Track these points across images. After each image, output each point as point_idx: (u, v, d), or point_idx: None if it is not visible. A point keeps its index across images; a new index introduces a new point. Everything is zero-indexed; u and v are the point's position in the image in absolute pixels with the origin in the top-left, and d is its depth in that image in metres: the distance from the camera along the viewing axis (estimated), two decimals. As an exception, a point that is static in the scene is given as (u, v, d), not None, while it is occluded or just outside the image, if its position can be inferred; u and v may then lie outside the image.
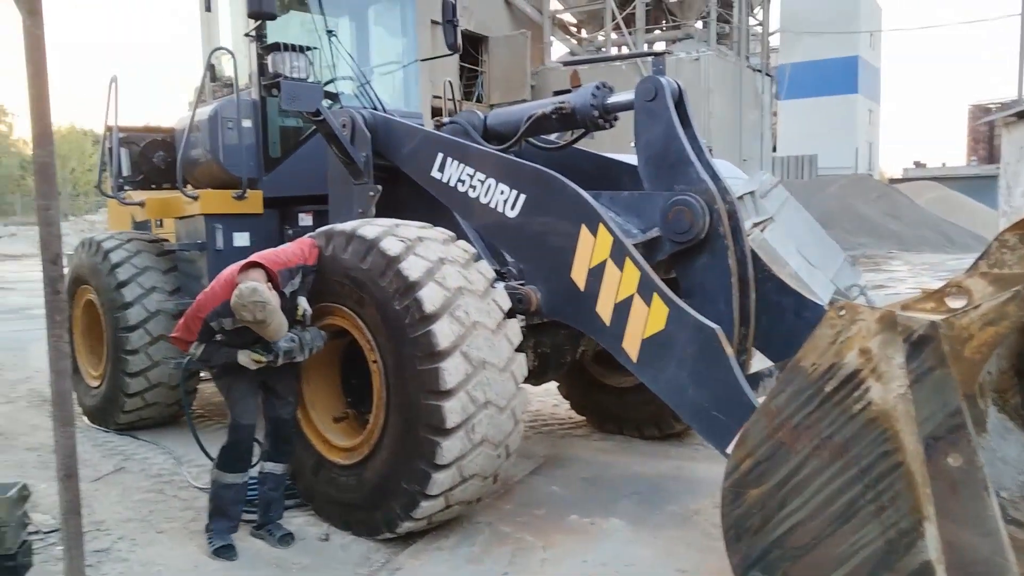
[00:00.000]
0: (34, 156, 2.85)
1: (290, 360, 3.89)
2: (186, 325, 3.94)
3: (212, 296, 3.84)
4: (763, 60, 32.61)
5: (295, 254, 4.00)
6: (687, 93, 4.55)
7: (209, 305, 3.82)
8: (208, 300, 3.85)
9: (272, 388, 4.09)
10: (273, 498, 4.17)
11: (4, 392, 7.97)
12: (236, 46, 5.99)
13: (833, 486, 2.49)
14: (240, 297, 3.59)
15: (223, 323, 3.79)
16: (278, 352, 3.81)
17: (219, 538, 3.95)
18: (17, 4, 2.83)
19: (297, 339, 3.89)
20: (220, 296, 3.78)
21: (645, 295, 3.80)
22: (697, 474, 5.04)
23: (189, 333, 3.92)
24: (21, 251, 31.33)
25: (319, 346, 4.02)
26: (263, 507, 4.16)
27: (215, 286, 3.87)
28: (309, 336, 3.96)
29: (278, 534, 4.07)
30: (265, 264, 3.82)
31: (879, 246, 25.44)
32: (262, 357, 3.81)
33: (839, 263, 10.43)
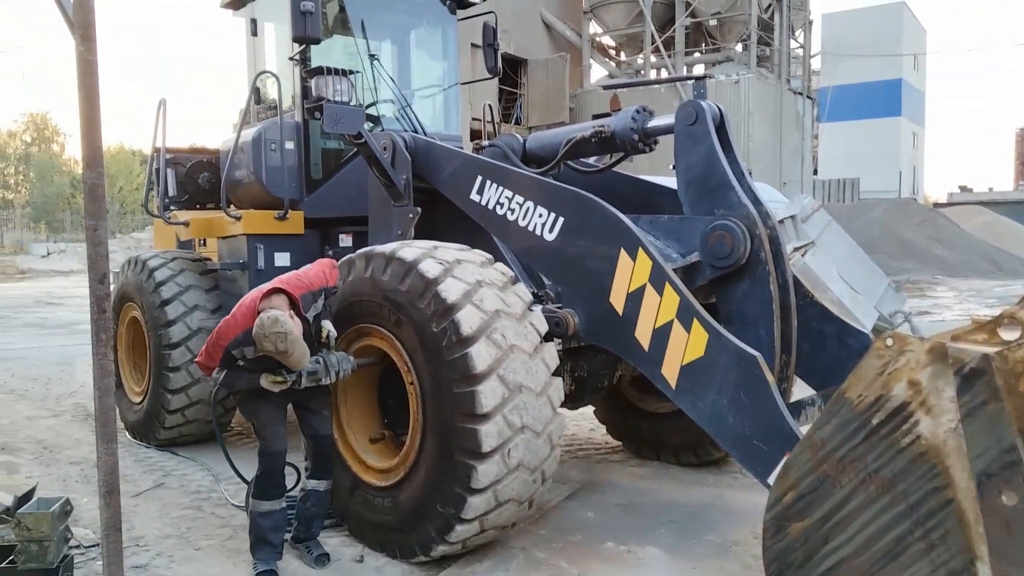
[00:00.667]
0: (84, 177, 2.93)
1: (315, 383, 3.89)
2: (208, 352, 3.90)
3: (234, 324, 3.79)
4: (804, 83, 32.36)
5: (317, 276, 4.00)
6: (728, 116, 4.52)
7: (231, 333, 3.77)
8: (230, 328, 3.79)
9: (304, 406, 4.08)
10: (315, 515, 4.17)
11: (50, 406, 8.15)
12: (281, 70, 6.10)
13: (880, 522, 2.42)
14: (262, 327, 3.57)
15: (244, 352, 3.75)
16: (301, 373, 3.81)
17: (263, 564, 3.91)
18: (71, 29, 2.92)
19: (322, 361, 3.89)
20: (242, 324, 3.75)
21: (685, 321, 3.75)
22: (736, 504, 4.94)
23: (211, 360, 3.87)
24: (70, 267, 32.21)
25: (346, 370, 3.99)
26: (304, 524, 4.16)
27: (236, 313, 3.82)
28: (335, 359, 3.94)
29: (315, 552, 4.06)
30: (287, 290, 3.82)
31: (923, 271, 24.89)
32: (284, 379, 3.80)
33: (883, 289, 10.21)
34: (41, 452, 6.36)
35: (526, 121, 27.68)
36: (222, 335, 3.81)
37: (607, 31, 32.43)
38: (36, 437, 6.85)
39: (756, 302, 4.14)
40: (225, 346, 3.78)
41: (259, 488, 3.97)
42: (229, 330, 3.79)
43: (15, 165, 51.87)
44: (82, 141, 2.82)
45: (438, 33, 6.92)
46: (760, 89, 27.12)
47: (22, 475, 5.69)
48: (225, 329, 3.81)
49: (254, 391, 3.88)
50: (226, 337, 3.79)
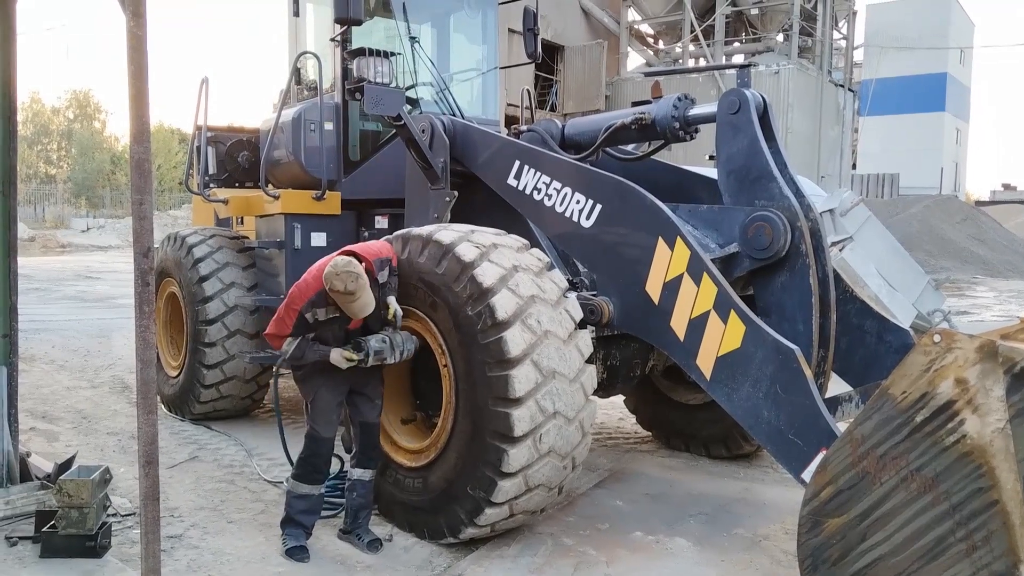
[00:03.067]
0: (131, 152, 2.96)
1: (380, 361, 3.90)
2: (280, 319, 3.87)
3: (306, 287, 3.81)
4: (846, 75, 31.78)
5: (384, 247, 4.05)
6: (772, 106, 4.45)
7: (304, 296, 3.79)
8: (302, 291, 3.81)
9: (360, 392, 4.05)
10: (362, 505, 4.11)
11: (89, 377, 8.33)
12: (321, 51, 6.12)
13: (920, 521, 2.38)
14: (335, 266, 3.64)
15: (317, 313, 3.79)
16: (369, 351, 3.83)
17: (292, 539, 3.92)
18: (122, 6, 2.95)
19: (388, 340, 3.91)
20: (313, 286, 3.78)
21: (722, 312, 3.71)
22: (766, 498, 4.90)
23: (284, 327, 3.84)
24: (108, 242, 32.78)
25: (410, 349, 4.00)
26: (352, 514, 4.11)
27: (308, 277, 3.85)
28: (400, 339, 3.96)
29: (367, 539, 4.04)
30: (359, 253, 3.87)
31: (963, 270, 24.37)
32: (354, 355, 3.83)
33: (922, 287, 10.00)
34: (80, 422, 6.51)
35: (561, 108, 27.53)
36: (294, 299, 3.82)
37: (645, 19, 32.10)
38: (75, 407, 7.00)
39: (795, 295, 4.08)
40: (299, 309, 3.78)
41: (302, 471, 3.98)
42: (301, 293, 3.81)
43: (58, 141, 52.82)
44: (130, 116, 2.85)
45: (478, 17, 6.89)
46: (800, 80, 26.68)
47: (61, 443, 5.83)
48: (297, 293, 3.83)
49: (319, 369, 3.90)
50: (299, 300, 3.80)
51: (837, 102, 29.92)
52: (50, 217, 39.44)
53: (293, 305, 3.82)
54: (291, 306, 3.83)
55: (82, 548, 3.66)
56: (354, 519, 4.12)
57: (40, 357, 9.36)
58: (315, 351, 3.87)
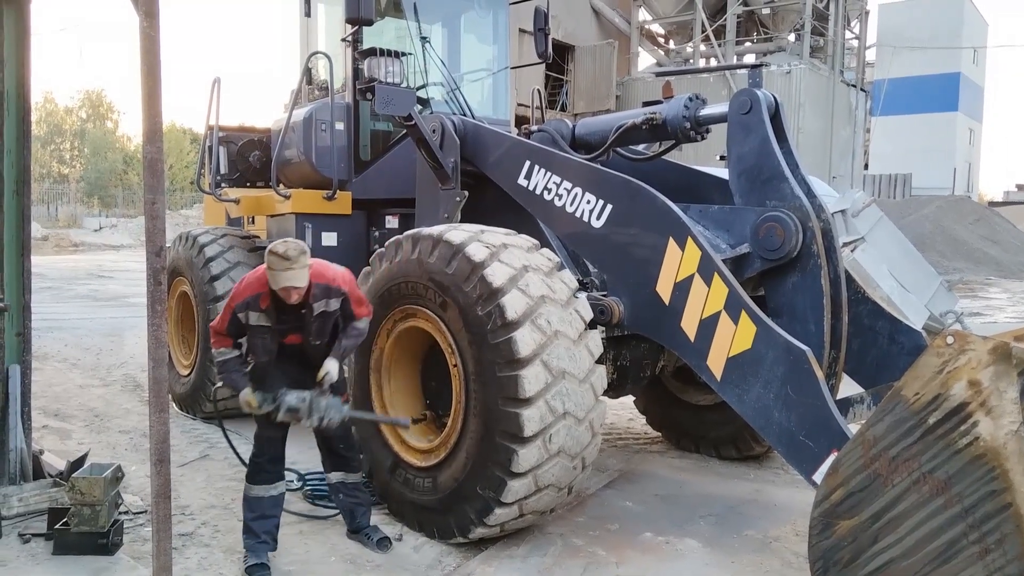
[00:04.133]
0: (143, 152, 2.97)
1: (293, 420, 3.67)
2: (220, 314, 3.75)
3: (246, 286, 3.68)
4: (858, 75, 31.61)
5: (343, 277, 3.80)
6: (783, 106, 4.43)
7: (241, 295, 3.65)
8: (241, 290, 3.67)
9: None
10: (353, 504, 4.08)
11: (101, 376, 8.38)
12: (333, 51, 6.14)
13: (932, 524, 2.36)
14: (284, 241, 3.53)
15: (249, 316, 3.63)
16: (280, 406, 3.62)
17: (252, 555, 3.73)
18: (135, 6, 2.97)
19: (308, 401, 3.64)
20: (254, 286, 3.64)
21: (732, 312, 3.70)
22: (777, 499, 4.88)
23: (221, 322, 3.70)
24: (120, 242, 32.98)
25: (333, 419, 3.70)
26: (347, 515, 4.11)
27: (250, 276, 3.72)
28: (324, 403, 3.65)
29: (375, 537, 4.02)
30: (315, 264, 3.70)
31: (976, 272, 24.20)
32: (255, 403, 3.64)
33: (934, 288, 9.94)
34: (92, 420, 6.55)
35: (572, 108, 27.49)
36: (234, 296, 3.69)
37: (656, 18, 32.00)
38: (87, 405, 7.05)
39: (806, 296, 4.07)
40: (234, 307, 3.66)
41: (249, 470, 3.88)
42: (240, 292, 3.67)
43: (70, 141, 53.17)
44: (143, 116, 2.86)
45: (489, 17, 6.90)
46: (812, 80, 26.55)
47: (74, 441, 5.86)
48: (237, 291, 3.70)
49: (260, 368, 3.77)
50: (237, 297, 3.67)
51: (849, 102, 29.76)
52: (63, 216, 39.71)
53: (231, 302, 3.69)
54: (229, 303, 3.70)
55: (94, 545, 3.69)
56: (352, 518, 4.09)
57: (53, 355, 9.42)
58: (234, 376, 3.70)
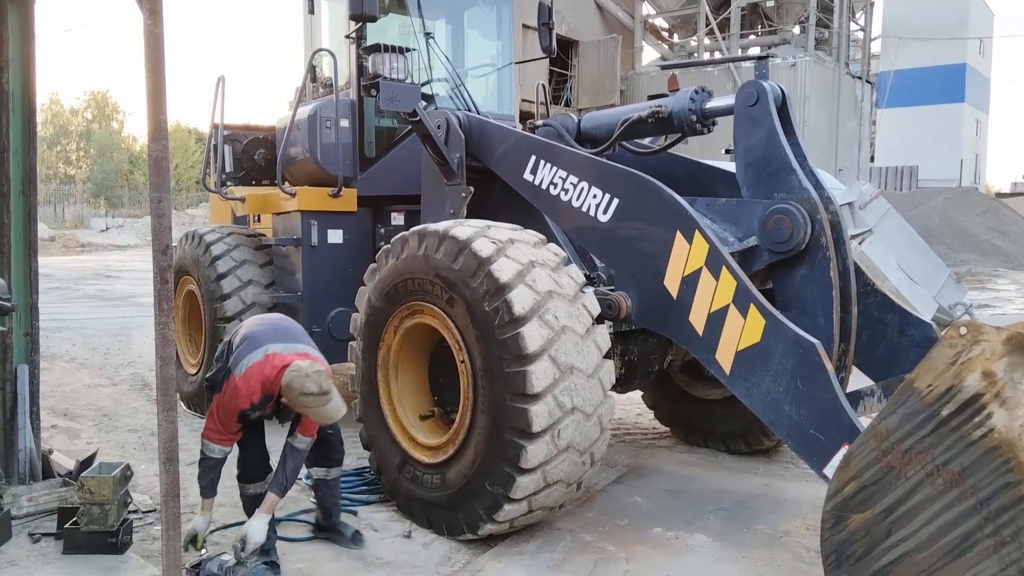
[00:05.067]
0: (149, 150, 2.97)
1: None
2: (224, 423, 3.68)
3: (247, 391, 3.57)
4: (863, 67, 31.46)
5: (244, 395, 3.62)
6: (790, 98, 4.40)
7: (247, 399, 3.57)
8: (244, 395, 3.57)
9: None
10: (331, 503, 4.08)
11: (109, 375, 8.40)
12: (337, 48, 6.13)
13: (947, 516, 2.34)
14: (299, 369, 3.49)
15: (254, 415, 3.67)
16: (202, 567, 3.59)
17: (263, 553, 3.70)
18: (139, 4, 2.96)
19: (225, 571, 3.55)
20: (257, 391, 3.57)
21: (741, 306, 3.68)
22: (787, 493, 4.86)
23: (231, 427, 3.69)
24: (127, 242, 33.05)
25: None
26: (324, 512, 4.09)
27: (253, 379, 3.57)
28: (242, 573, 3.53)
29: (348, 532, 4.02)
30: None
31: (984, 263, 24.08)
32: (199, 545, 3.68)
33: (943, 280, 9.90)
34: (101, 419, 6.56)
35: (576, 103, 27.44)
36: (236, 400, 3.58)
37: (660, 12, 31.93)
38: (96, 405, 7.06)
39: (815, 289, 4.03)
40: (243, 408, 3.60)
41: (239, 471, 3.95)
42: (244, 397, 3.57)
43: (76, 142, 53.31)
44: (148, 114, 2.85)
45: (493, 12, 6.88)
46: (817, 73, 26.44)
47: (83, 440, 5.87)
48: (240, 395, 3.57)
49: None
50: (244, 401, 3.58)
51: (855, 94, 29.63)
52: (70, 217, 39.82)
53: (238, 403, 3.58)
54: (234, 404, 3.60)
55: (104, 544, 3.69)
56: (328, 516, 4.07)
57: (61, 355, 9.44)
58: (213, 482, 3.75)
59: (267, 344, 3.68)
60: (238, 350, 3.71)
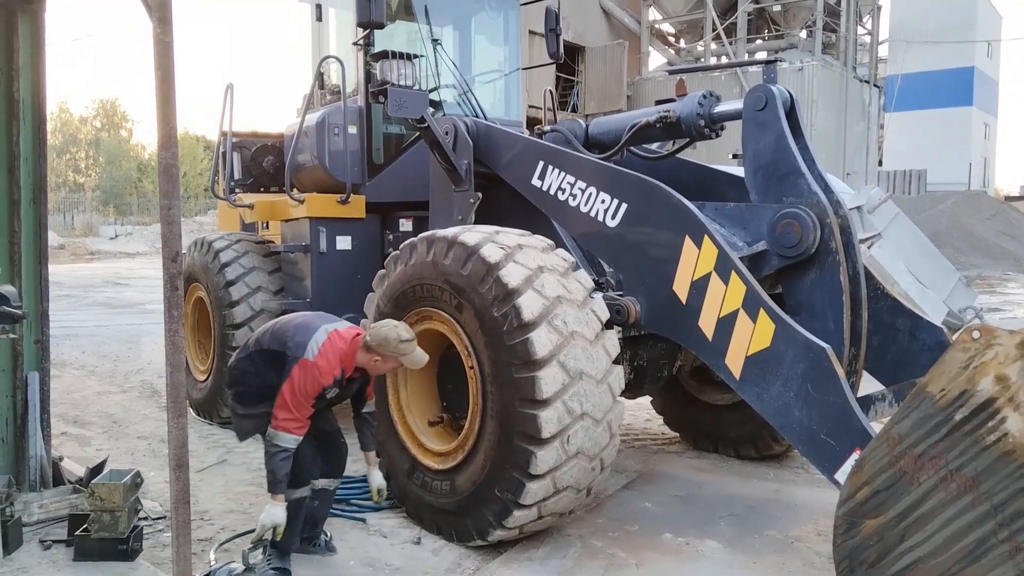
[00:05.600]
0: (159, 158, 2.98)
1: None
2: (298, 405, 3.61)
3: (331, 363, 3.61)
4: (871, 70, 31.40)
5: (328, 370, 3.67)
6: (799, 102, 4.40)
7: (331, 372, 3.62)
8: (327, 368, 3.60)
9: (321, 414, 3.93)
10: (322, 514, 4.03)
11: (119, 382, 8.43)
12: (344, 55, 6.15)
13: (961, 522, 2.32)
14: (385, 324, 3.68)
15: (328, 391, 3.68)
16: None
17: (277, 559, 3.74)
18: (148, 12, 2.98)
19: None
20: (339, 362, 3.64)
21: (751, 310, 3.67)
22: (797, 499, 4.83)
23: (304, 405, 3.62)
24: (136, 249, 33.22)
25: None
26: (311, 524, 3.99)
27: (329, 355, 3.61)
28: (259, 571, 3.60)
29: (323, 540, 3.99)
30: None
31: (994, 267, 23.97)
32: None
33: (953, 283, 9.87)
34: (111, 426, 6.58)
35: (583, 109, 27.46)
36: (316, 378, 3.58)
37: (667, 18, 31.93)
38: (106, 412, 7.08)
39: (825, 293, 4.02)
40: (325, 385, 3.63)
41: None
42: (324, 374, 3.60)
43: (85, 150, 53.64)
44: (158, 122, 2.87)
45: (500, 18, 6.89)
46: (825, 77, 26.40)
47: (93, 447, 5.89)
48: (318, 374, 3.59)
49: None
50: (327, 376, 3.61)
51: (862, 98, 29.57)
52: (79, 225, 40.06)
53: (320, 380, 3.60)
54: (314, 383, 3.60)
55: (114, 551, 3.70)
56: (313, 527, 4.00)
57: (71, 362, 9.49)
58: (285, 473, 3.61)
59: (322, 325, 3.75)
60: (294, 339, 3.67)
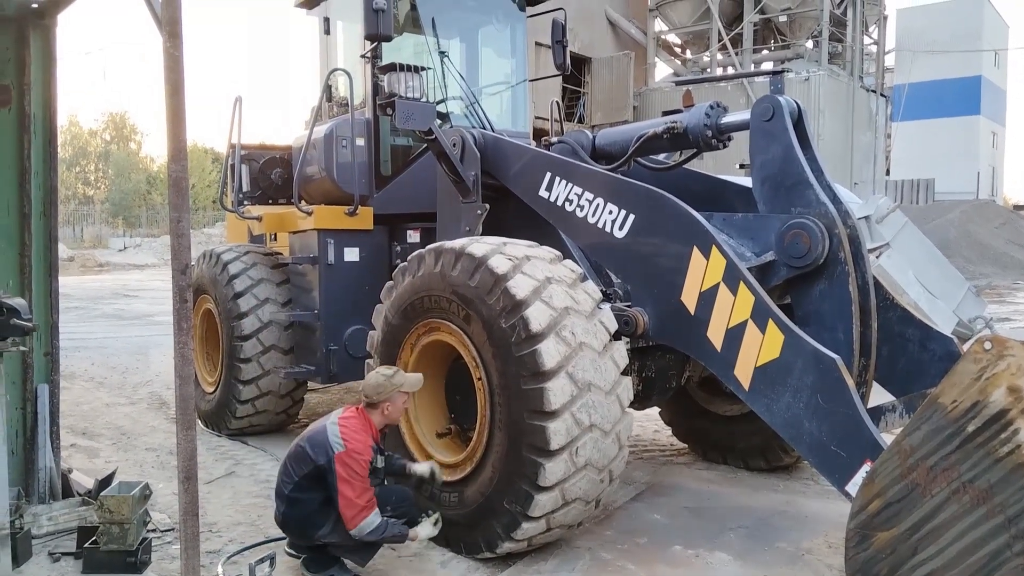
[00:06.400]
0: (168, 170, 3.00)
1: None
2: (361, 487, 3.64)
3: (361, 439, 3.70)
4: (878, 80, 31.38)
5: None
6: (806, 113, 4.39)
7: (367, 446, 3.70)
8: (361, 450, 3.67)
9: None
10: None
11: (127, 394, 8.45)
12: (352, 67, 6.18)
13: (974, 534, 2.30)
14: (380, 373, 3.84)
15: (377, 460, 3.77)
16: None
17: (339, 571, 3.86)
18: (159, 27, 3.00)
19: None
20: (366, 439, 3.73)
21: (759, 321, 3.66)
22: (807, 511, 4.80)
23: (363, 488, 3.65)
24: (144, 261, 33.39)
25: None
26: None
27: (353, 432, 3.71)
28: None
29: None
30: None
31: (1003, 276, 23.85)
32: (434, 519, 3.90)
33: (962, 293, 9.80)
34: (119, 438, 6.59)
35: (589, 120, 27.52)
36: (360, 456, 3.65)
37: (673, 29, 32.01)
38: (114, 423, 7.10)
39: (834, 303, 4.01)
40: (370, 460, 3.69)
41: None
42: (363, 449, 3.67)
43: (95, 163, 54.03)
44: (168, 135, 2.88)
45: (507, 30, 6.92)
46: (831, 87, 26.39)
47: (102, 459, 5.90)
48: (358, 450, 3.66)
49: None
50: (365, 453, 3.68)
51: (869, 108, 29.54)
52: (88, 237, 40.31)
53: (364, 457, 3.67)
54: (361, 472, 3.65)
55: (123, 564, 3.70)
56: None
57: (80, 374, 9.52)
58: (396, 532, 3.72)
59: (326, 423, 3.81)
60: (315, 450, 3.71)
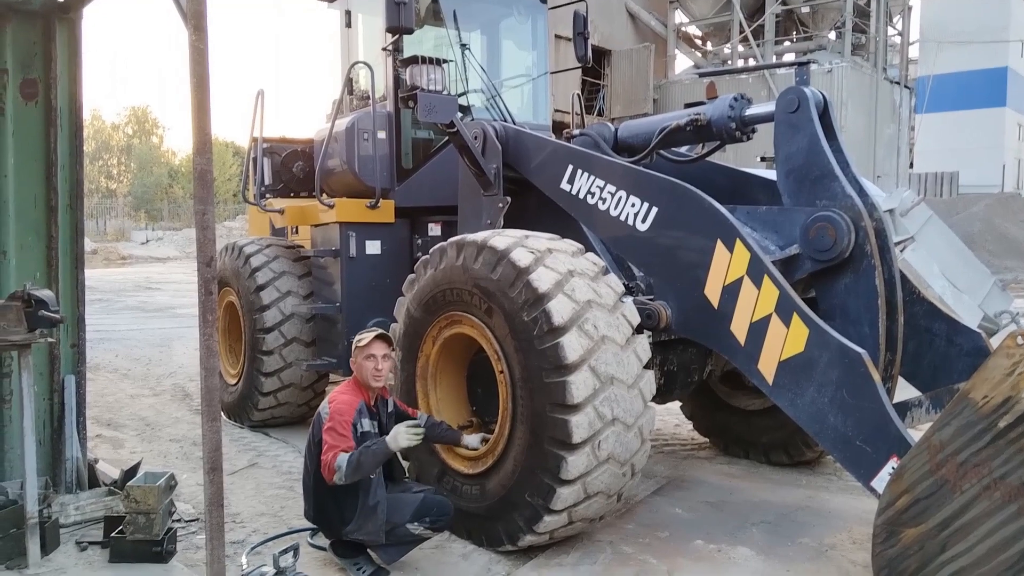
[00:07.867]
0: (193, 163, 3.02)
1: None
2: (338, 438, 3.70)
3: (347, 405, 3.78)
4: (902, 71, 31.01)
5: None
6: (832, 104, 4.34)
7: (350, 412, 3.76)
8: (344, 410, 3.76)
9: None
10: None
11: (151, 385, 8.54)
12: (373, 60, 6.18)
13: (1005, 531, 2.27)
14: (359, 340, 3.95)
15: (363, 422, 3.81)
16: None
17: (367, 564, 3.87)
18: (184, 21, 3.01)
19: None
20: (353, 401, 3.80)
21: (784, 315, 3.62)
22: (830, 506, 4.76)
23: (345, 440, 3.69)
24: (167, 254, 33.70)
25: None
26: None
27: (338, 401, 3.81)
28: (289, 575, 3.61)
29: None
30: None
31: (1029, 270, 23.51)
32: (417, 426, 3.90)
33: (988, 287, 9.64)
34: (143, 429, 6.67)
35: (609, 112, 27.43)
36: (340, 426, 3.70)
37: (693, 20, 31.79)
38: (139, 414, 7.18)
39: (860, 297, 3.96)
40: (351, 421, 3.74)
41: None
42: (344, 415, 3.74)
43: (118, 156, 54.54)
44: (193, 128, 2.90)
45: (528, 22, 6.89)
46: (854, 78, 26.11)
47: (127, 450, 5.98)
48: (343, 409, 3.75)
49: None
50: (346, 422, 3.72)
51: (893, 99, 29.21)
52: (112, 230, 40.76)
53: (344, 418, 3.73)
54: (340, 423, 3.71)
55: (149, 553, 3.74)
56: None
57: (104, 366, 9.63)
58: (375, 452, 3.69)
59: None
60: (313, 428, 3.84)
